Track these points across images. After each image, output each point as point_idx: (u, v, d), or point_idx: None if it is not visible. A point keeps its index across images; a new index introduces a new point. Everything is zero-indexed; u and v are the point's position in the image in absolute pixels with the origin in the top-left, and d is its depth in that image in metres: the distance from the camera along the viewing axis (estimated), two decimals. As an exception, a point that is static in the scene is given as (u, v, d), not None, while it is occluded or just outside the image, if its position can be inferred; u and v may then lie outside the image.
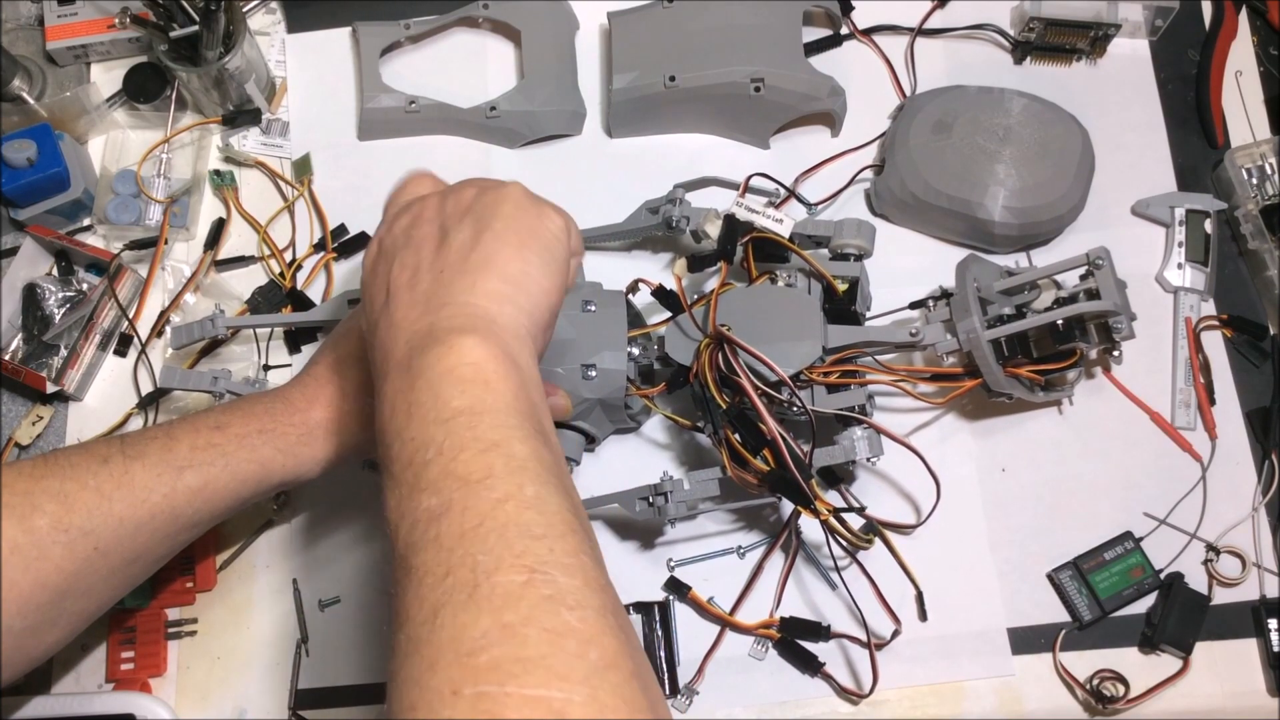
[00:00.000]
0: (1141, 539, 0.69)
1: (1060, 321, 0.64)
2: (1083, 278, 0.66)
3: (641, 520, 0.67)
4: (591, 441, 0.69)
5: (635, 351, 0.67)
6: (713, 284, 0.67)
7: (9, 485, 0.51)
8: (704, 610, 0.68)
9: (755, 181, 0.73)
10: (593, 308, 0.66)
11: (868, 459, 0.64)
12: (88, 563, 0.51)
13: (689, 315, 0.65)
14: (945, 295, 0.68)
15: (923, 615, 0.68)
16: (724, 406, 0.61)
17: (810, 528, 0.69)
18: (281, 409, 0.58)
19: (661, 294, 0.68)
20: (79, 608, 0.53)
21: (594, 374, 0.64)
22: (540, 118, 0.78)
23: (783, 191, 0.75)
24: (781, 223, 0.67)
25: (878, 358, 0.67)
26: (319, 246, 0.78)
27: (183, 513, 0.54)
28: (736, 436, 0.60)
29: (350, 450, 0.59)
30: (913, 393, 0.68)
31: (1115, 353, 0.68)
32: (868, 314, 0.70)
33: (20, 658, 0.52)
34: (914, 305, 0.70)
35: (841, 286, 0.66)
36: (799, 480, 0.59)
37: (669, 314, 0.68)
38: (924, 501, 0.70)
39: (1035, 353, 0.65)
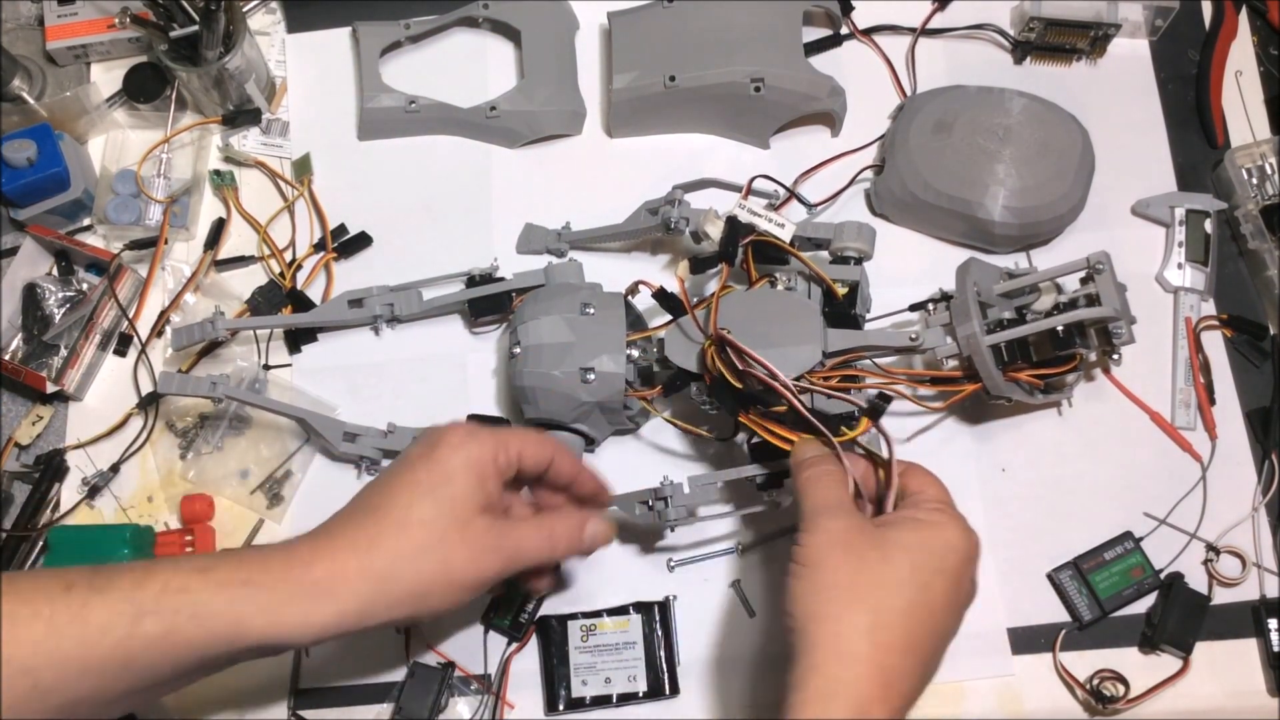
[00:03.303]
0: (1141, 539, 0.69)
1: (1060, 327, 0.64)
2: (1083, 281, 0.66)
3: (642, 524, 0.67)
4: (591, 443, 0.69)
5: (634, 354, 0.67)
6: (713, 286, 0.67)
7: None
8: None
9: (756, 183, 0.73)
10: (591, 310, 0.66)
11: None
12: (23, 701, 0.46)
13: (692, 318, 0.64)
14: (945, 298, 0.68)
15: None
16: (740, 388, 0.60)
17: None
18: (278, 561, 0.51)
19: (663, 296, 0.67)
20: None
21: (592, 377, 0.64)
22: (540, 118, 0.78)
23: (783, 192, 0.75)
24: (783, 227, 0.67)
25: (877, 361, 0.67)
26: (319, 246, 0.78)
27: (136, 662, 0.48)
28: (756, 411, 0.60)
29: (352, 619, 0.51)
30: (912, 397, 0.68)
31: (1115, 356, 0.68)
32: (867, 315, 0.70)
33: None
34: (913, 308, 0.70)
35: (841, 290, 0.66)
36: (820, 422, 0.57)
37: (670, 316, 0.68)
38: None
39: (1035, 357, 0.65)
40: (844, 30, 0.82)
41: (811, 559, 0.51)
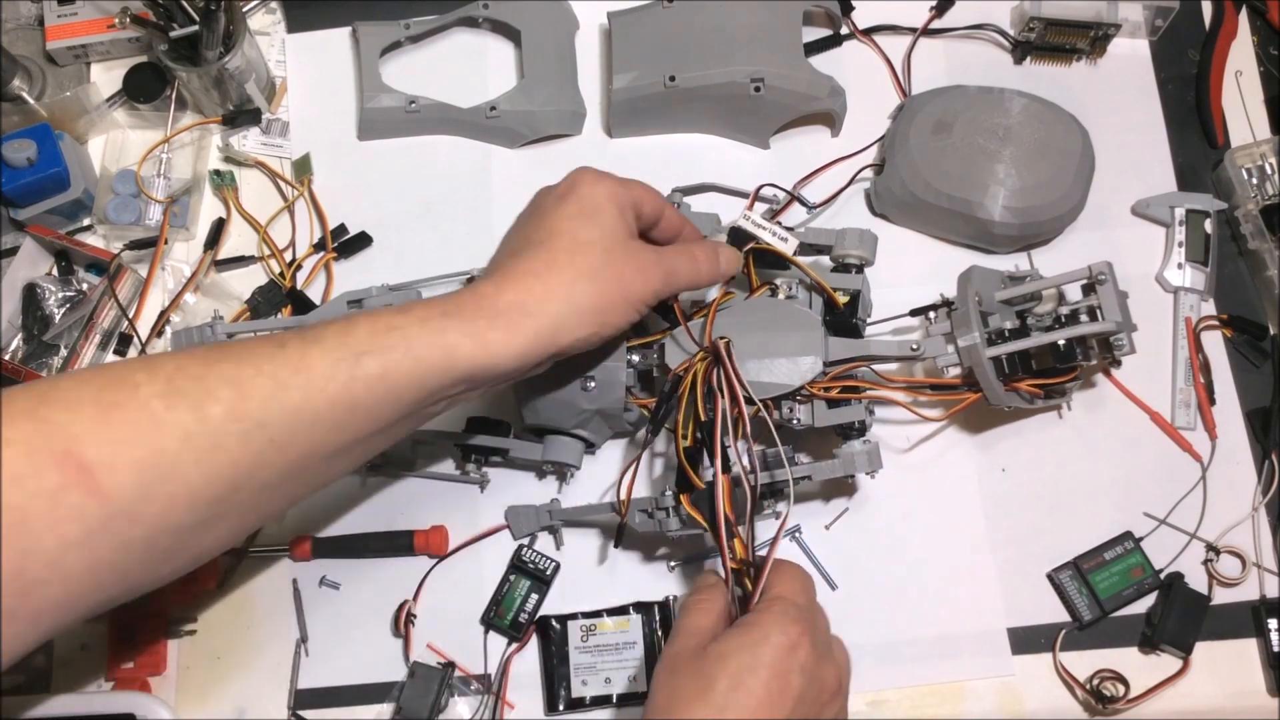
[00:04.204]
0: (1141, 539, 0.69)
1: (1061, 341, 0.64)
2: (1084, 289, 0.66)
3: (641, 531, 0.66)
4: (591, 447, 0.69)
5: (635, 359, 0.66)
6: (715, 292, 0.67)
7: (182, 368, 0.47)
8: None
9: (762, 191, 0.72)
10: (592, 315, 0.65)
11: (867, 473, 0.64)
12: (261, 457, 0.47)
13: (685, 330, 0.64)
14: (946, 304, 0.67)
15: None
16: (703, 419, 0.60)
17: (811, 531, 0.69)
18: (468, 296, 0.54)
19: (661, 308, 0.67)
20: (250, 503, 0.49)
21: (593, 385, 0.64)
22: (540, 118, 0.78)
23: (783, 197, 0.75)
24: (787, 241, 0.67)
25: (876, 368, 0.67)
26: (319, 246, 0.78)
27: (362, 403, 0.49)
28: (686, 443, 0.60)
29: (548, 336, 0.54)
30: (913, 408, 0.68)
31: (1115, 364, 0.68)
32: (868, 320, 0.69)
33: (184, 555, 0.48)
34: (914, 313, 0.69)
35: (843, 299, 0.66)
36: (718, 522, 0.57)
37: (667, 325, 0.67)
38: (920, 505, 0.70)
39: (1035, 367, 0.65)
40: (844, 30, 0.81)
41: (651, 689, 0.51)
